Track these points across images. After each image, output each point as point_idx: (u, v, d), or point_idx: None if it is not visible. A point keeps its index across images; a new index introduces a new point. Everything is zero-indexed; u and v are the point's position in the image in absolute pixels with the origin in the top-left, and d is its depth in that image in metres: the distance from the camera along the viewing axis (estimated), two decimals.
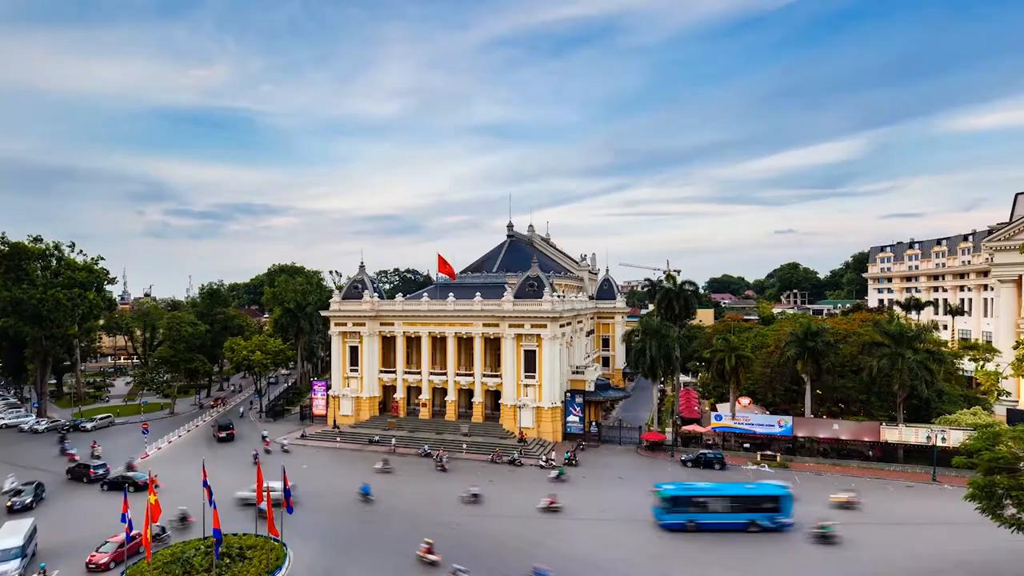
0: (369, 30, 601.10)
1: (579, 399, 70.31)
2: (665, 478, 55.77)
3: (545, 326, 68.71)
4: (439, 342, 76.76)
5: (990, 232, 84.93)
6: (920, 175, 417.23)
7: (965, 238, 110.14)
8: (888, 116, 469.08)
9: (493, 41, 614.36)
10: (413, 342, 78.16)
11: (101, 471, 55.04)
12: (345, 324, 78.90)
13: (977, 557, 36.61)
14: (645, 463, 61.55)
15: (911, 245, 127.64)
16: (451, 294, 76.13)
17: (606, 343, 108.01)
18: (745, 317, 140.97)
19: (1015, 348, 50.36)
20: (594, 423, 72.91)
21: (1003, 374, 69.54)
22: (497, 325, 71.52)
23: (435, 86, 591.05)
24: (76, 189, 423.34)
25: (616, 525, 43.65)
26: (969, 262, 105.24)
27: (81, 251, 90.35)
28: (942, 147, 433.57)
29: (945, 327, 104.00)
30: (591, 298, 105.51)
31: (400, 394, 77.94)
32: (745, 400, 72.85)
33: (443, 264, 79.43)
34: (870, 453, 60.36)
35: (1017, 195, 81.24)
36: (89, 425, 78.85)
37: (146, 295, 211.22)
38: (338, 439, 71.23)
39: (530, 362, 69.94)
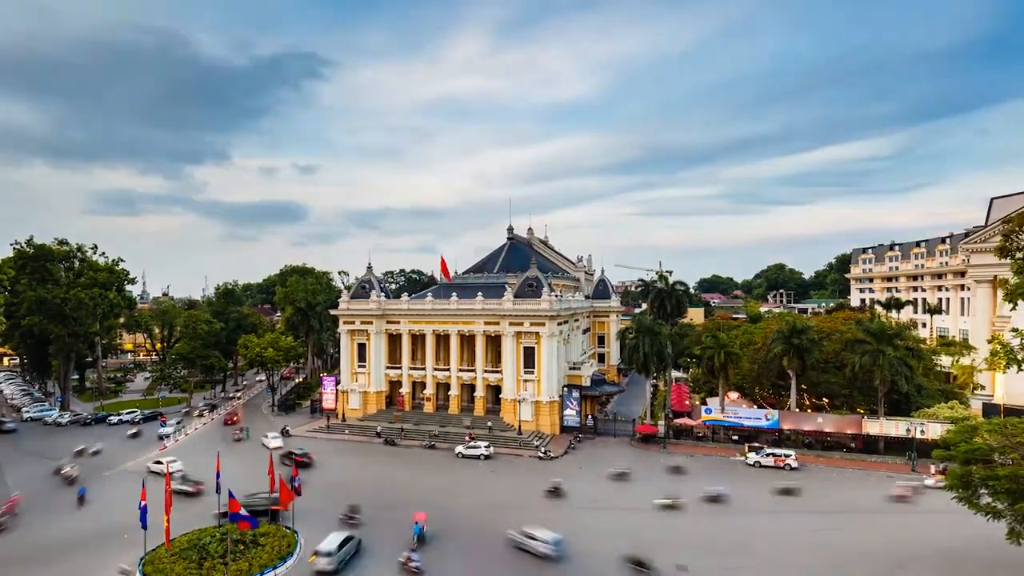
0: None
1: (576, 394, 70.24)
2: (658, 469, 55.98)
3: (543, 324, 68.66)
4: (443, 339, 76.69)
5: (967, 235, 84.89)
6: (949, 173, 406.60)
7: (943, 240, 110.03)
8: (931, 110, 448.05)
9: None
10: (418, 339, 78.08)
11: None
12: (353, 322, 78.86)
13: (955, 544, 36.63)
14: (639, 454, 61.56)
15: (891, 247, 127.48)
16: (454, 294, 76.11)
17: (601, 340, 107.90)
18: (733, 316, 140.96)
19: (990, 343, 50.26)
20: (590, 416, 72.94)
21: (978, 368, 69.51)
22: (498, 323, 71.47)
23: (499, 63, 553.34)
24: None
25: (610, 513, 43.65)
26: (947, 263, 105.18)
27: (103, 253, 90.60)
28: (989, 140, 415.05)
29: (924, 325, 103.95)
30: (587, 297, 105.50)
31: (405, 389, 77.92)
32: (734, 394, 72.86)
33: (444, 269, 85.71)
34: (852, 445, 60.36)
35: (992, 199, 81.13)
36: (115, 419, 78.97)
37: (164, 295, 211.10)
38: (346, 432, 71.27)
39: (529, 358, 69.89)
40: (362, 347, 78.52)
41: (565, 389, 70.93)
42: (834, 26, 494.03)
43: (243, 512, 33.09)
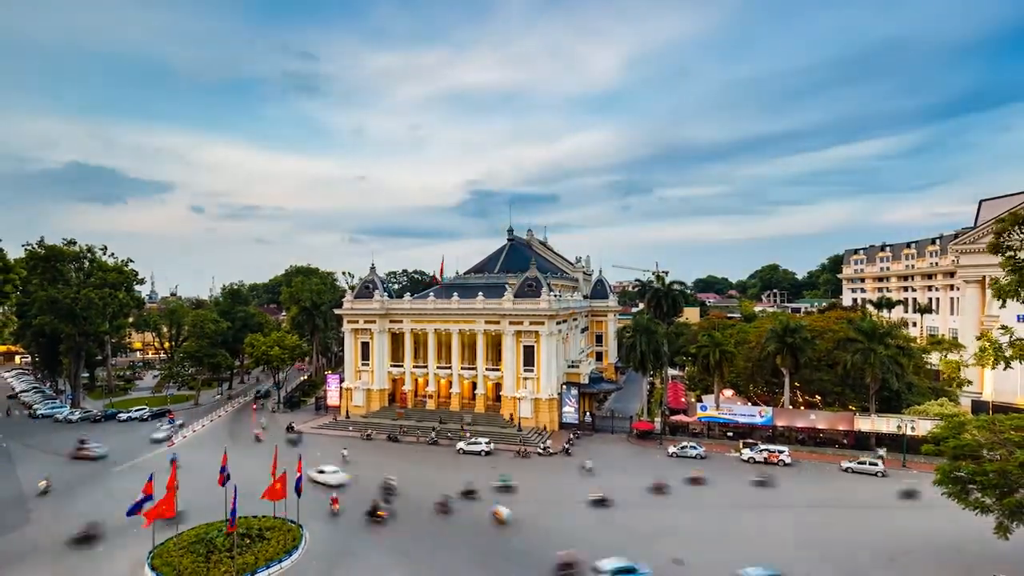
0: None
1: (574, 391, 70.27)
2: (653, 465, 55.96)
3: (543, 323, 68.66)
4: (444, 338, 76.65)
5: (956, 236, 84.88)
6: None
7: (933, 241, 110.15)
8: (953, 107, 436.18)
9: None
10: (420, 338, 78.03)
11: None
12: (357, 321, 78.88)
13: (943, 538, 36.65)
14: (635, 451, 61.56)
15: (883, 248, 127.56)
16: (455, 294, 76.12)
17: (599, 339, 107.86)
18: (728, 315, 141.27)
19: (978, 339, 50.44)
20: (588, 413, 72.94)
21: (965, 363, 69.72)
22: (498, 322, 71.48)
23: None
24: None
25: (606, 509, 43.62)
26: (936, 264, 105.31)
27: (112, 254, 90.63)
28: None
29: (914, 324, 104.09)
30: (585, 297, 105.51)
31: (408, 386, 77.94)
32: (728, 392, 72.96)
33: (441, 270, 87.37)
34: (844, 441, 60.35)
35: (981, 202, 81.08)
36: (125, 416, 79.08)
37: (172, 294, 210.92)
38: (350, 428, 71.29)
39: (529, 357, 69.91)
40: (366, 345, 78.56)
41: (564, 387, 70.93)
42: (859, 20, 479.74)
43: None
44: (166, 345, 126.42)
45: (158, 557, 33.16)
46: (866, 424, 58.84)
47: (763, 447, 57.02)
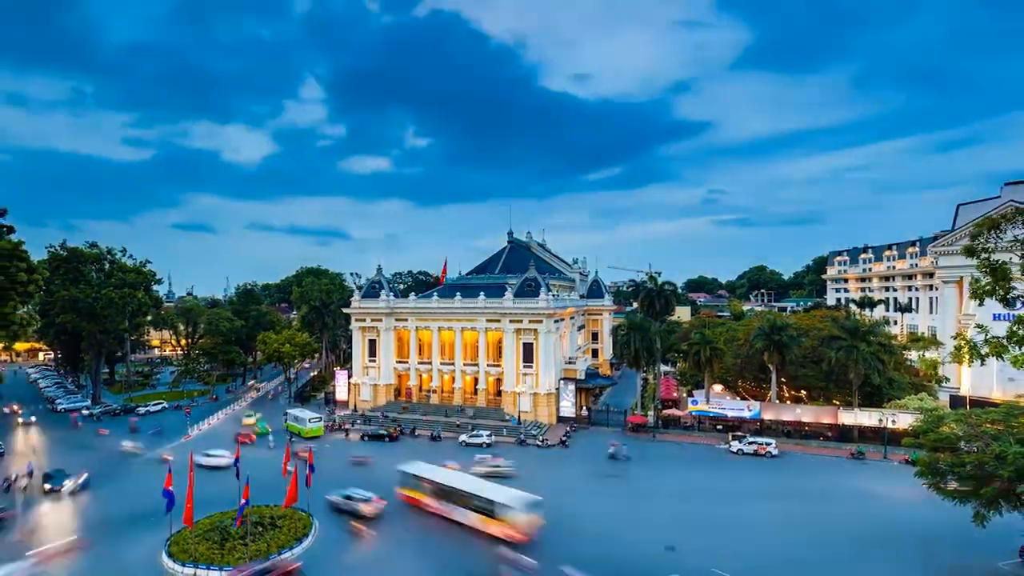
0: None
1: (571, 386, 70.26)
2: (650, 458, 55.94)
3: (541, 322, 68.66)
4: (447, 336, 76.60)
5: (935, 239, 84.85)
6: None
7: (913, 243, 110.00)
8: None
9: None
10: (424, 336, 77.98)
11: None
12: (364, 320, 78.87)
13: (925, 527, 36.63)
14: (630, 443, 61.49)
15: (865, 249, 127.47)
16: (458, 293, 76.12)
17: (595, 336, 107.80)
18: (718, 314, 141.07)
19: (954, 338, 50.35)
20: (585, 407, 72.94)
21: (941, 361, 69.74)
22: (499, 321, 71.46)
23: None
24: None
25: (603, 499, 43.66)
26: (916, 264, 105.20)
27: (131, 256, 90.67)
28: None
29: (895, 322, 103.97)
30: (582, 297, 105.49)
31: (413, 381, 77.93)
32: (718, 387, 72.90)
33: (444, 271, 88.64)
34: (828, 434, 60.35)
35: (959, 206, 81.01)
36: (142, 411, 79.07)
37: (188, 294, 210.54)
38: (358, 422, 71.26)
39: (528, 353, 69.90)
40: (372, 343, 78.55)
41: (561, 382, 70.92)
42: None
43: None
44: (183, 342, 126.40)
45: (175, 544, 33.23)
46: (849, 418, 58.83)
47: (751, 440, 57.02)
